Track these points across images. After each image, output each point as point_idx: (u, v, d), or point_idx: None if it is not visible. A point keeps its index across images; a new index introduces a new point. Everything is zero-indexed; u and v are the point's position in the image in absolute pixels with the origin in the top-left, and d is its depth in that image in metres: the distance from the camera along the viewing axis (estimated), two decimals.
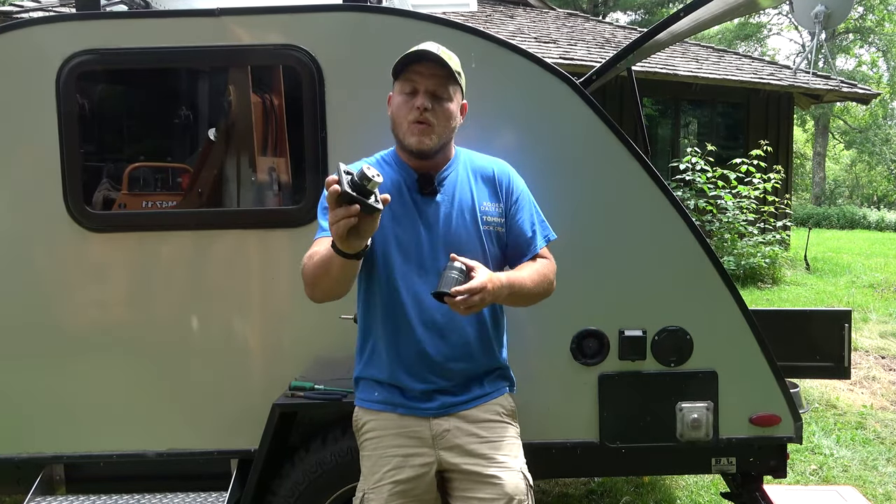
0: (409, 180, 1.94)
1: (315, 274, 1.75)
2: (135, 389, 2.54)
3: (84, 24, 2.49)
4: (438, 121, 1.86)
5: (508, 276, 1.88)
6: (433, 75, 1.85)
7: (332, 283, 1.75)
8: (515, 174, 2.07)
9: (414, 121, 1.84)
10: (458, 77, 1.89)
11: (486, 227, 1.96)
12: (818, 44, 13.17)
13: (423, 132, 1.85)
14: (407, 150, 1.89)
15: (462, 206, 1.95)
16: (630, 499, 3.64)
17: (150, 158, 3.12)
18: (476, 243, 1.94)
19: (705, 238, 2.57)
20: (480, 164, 2.04)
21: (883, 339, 6.91)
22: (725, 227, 9.26)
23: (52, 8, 7.01)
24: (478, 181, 2.00)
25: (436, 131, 1.86)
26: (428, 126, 1.85)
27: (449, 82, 1.87)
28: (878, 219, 23.87)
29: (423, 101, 1.83)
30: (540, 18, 13.41)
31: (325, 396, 2.42)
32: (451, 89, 1.88)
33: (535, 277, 1.94)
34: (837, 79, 12.63)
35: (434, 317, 1.90)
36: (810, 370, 3.01)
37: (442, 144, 1.90)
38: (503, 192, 2.01)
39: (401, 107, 1.87)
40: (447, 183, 1.96)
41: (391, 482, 1.89)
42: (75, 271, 2.52)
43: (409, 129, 1.86)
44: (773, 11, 32.33)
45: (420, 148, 1.86)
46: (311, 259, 1.78)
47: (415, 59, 1.84)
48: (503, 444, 1.96)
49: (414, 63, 1.85)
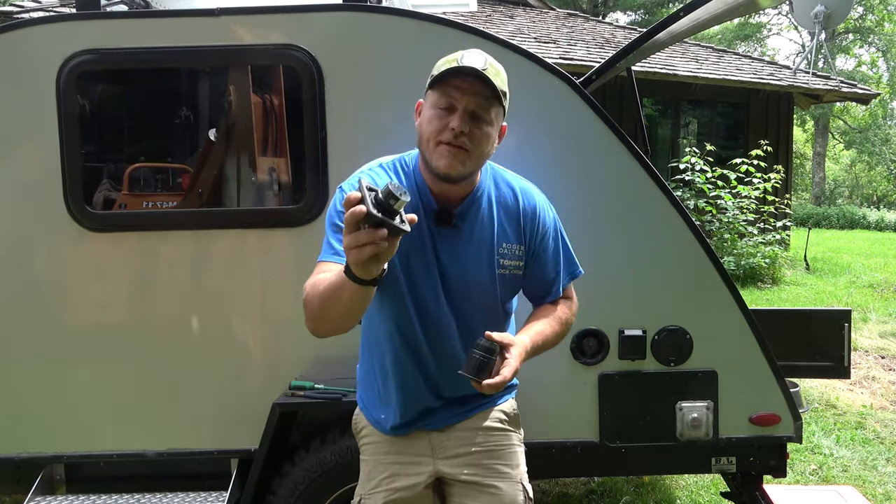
0: (427, 205, 1.75)
1: (322, 306, 1.52)
2: (135, 389, 2.54)
3: (84, 24, 2.49)
4: (474, 146, 1.64)
5: (533, 339, 1.76)
6: (476, 94, 1.62)
7: (342, 313, 1.52)
8: (544, 208, 1.87)
9: (446, 142, 1.62)
10: (504, 98, 1.67)
11: (501, 272, 1.80)
12: (818, 44, 13.17)
13: (455, 156, 1.63)
14: (433, 171, 1.67)
15: (480, 244, 1.78)
16: (630, 499, 3.64)
17: (150, 158, 3.13)
18: (487, 285, 1.79)
19: (705, 238, 2.57)
20: (507, 197, 1.83)
21: (883, 339, 6.92)
22: (725, 227, 9.26)
23: (52, 8, 7.01)
24: (501, 217, 1.80)
25: (470, 158, 1.65)
26: (462, 151, 1.63)
27: (492, 103, 1.65)
28: (877, 219, 23.87)
29: (460, 123, 1.61)
30: (540, 18, 13.41)
31: (325, 396, 2.42)
32: (494, 112, 1.66)
33: (556, 329, 1.85)
34: (837, 79, 12.63)
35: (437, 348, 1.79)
36: (810, 370, 3.02)
37: (472, 171, 1.71)
38: (527, 232, 1.83)
39: (433, 121, 1.64)
40: (469, 216, 1.78)
41: (387, 489, 1.86)
42: (75, 271, 2.52)
43: (438, 151, 1.64)
44: (773, 11, 32.36)
45: (448, 173, 1.65)
46: (315, 288, 1.55)
47: (457, 72, 1.61)
48: (503, 453, 1.91)
49: (456, 76, 1.62)
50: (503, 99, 1.67)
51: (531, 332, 1.79)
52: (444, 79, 1.62)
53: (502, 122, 1.73)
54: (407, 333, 1.78)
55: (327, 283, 1.50)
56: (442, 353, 1.79)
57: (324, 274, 1.57)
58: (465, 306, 1.79)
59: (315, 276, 1.61)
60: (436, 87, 1.65)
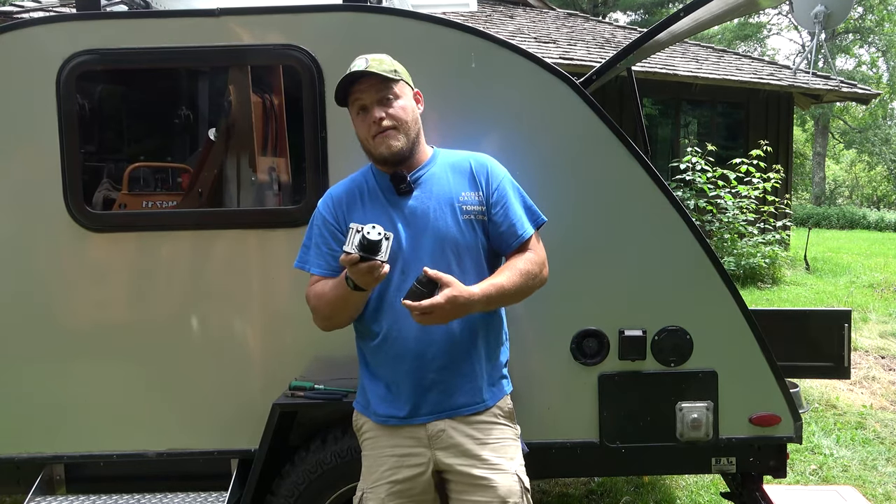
0: (384, 184, 1.98)
1: (333, 312, 1.93)
2: (135, 389, 2.54)
3: (84, 24, 2.49)
4: (398, 121, 1.90)
5: (482, 287, 1.86)
6: (372, 86, 1.89)
7: (351, 313, 1.93)
8: (495, 164, 2.06)
9: (376, 133, 1.89)
10: (396, 74, 1.92)
11: (465, 217, 1.95)
12: (818, 44, 13.16)
13: (389, 136, 1.89)
14: (381, 160, 1.93)
15: (440, 199, 1.95)
16: (630, 499, 3.64)
17: (150, 158, 3.13)
18: (457, 234, 1.93)
19: (705, 238, 2.57)
20: (457, 159, 2.04)
21: (883, 339, 6.91)
22: (725, 227, 9.26)
23: (52, 8, 7.02)
24: (455, 174, 2.00)
25: (401, 130, 1.90)
26: (391, 130, 1.89)
27: (389, 84, 1.90)
28: (877, 219, 23.85)
29: (375, 113, 1.88)
30: (540, 18, 13.41)
31: (325, 396, 2.42)
32: (396, 89, 1.92)
33: (515, 279, 1.91)
34: (837, 79, 12.63)
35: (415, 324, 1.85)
36: (810, 370, 3.02)
37: (412, 143, 1.94)
38: (482, 181, 2.00)
39: (360, 126, 1.93)
40: (423, 180, 1.97)
41: (388, 482, 1.90)
42: (75, 271, 2.52)
43: (376, 142, 1.90)
44: (773, 11, 32.35)
45: (392, 152, 1.90)
46: (321, 298, 1.92)
47: (349, 81, 1.90)
48: (498, 445, 1.96)
49: (351, 85, 1.90)
50: (397, 75, 1.92)
51: (485, 283, 1.89)
52: (344, 91, 1.92)
53: (413, 89, 2.00)
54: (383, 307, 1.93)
55: (334, 294, 1.88)
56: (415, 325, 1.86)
57: (321, 288, 1.93)
58: (441, 266, 1.86)
59: (314, 287, 1.96)
60: (347, 104, 1.95)
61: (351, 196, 1.99)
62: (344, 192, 2.02)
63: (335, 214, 1.98)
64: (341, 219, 1.97)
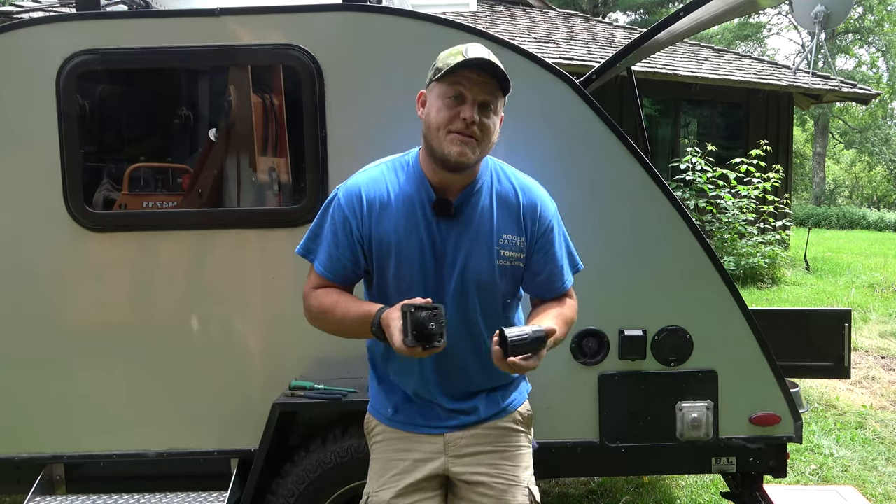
0: (424, 194, 1.78)
1: (337, 332, 1.84)
2: (135, 389, 2.54)
3: (84, 24, 2.49)
4: (483, 135, 1.70)
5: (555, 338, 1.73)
6: (485, 83, 1.69)
7: (354, 341, 1.89)
8: (545, 201, 1.88)
9: (457, 131, 1.67)
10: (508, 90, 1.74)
11: (500, 263, 1.80)
12: (818, 44, 13.16)
13: (467, 144, 1.68)
14: (442, 159, 1.70)
15: (479, 235, 1.78)
16: (630, 499, 3.64)
17: (150, 158, 3.12)
18: (488, 279, 1.80)
19: (705, 238, 2.57)
20: (507, 190, 1.84)
21: (883, 339, 6.92)
22: (725, 227, 9.25)
23: (52, 8, 7.01)
24: (501, 209, 1.81)
25: (479, 146, 1.71)
26: (472, 140, 1.68)
27: (499, 95, 1.73)
28: (877, 219, 23.86)
29: (472, 113, 1.67)
30: (540, 18, 13.41)
31: (325, 396, 2.42)
32: (500, 103, 1.74)
33: (564, 330, 1.81)
34: (837, 79, 12.62)
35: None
36: (810, 370, 3.02)
37: (479, 161, 1.76)
38: (528, 225, 1.83)
39: (442, 111, 1.69)
40: (467, 211, 1.79)
41: (396, 486, 1.86)
42: (75, 271, 2.52)
43: (449, 139, 1.68)
44: (773, 11, 32.36)
45: (460, 161, 1.68)
46: (327, 315, 1.79)
47: (467, 65, 1.66)
48: (513, 454, 1.92)
49: (465, 68, 1.67)
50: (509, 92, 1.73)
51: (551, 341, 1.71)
52: (453, 71, 1.67)
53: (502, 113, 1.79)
54: None
55: (351, 329, 1.76)
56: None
57: (332, 300, 1.78)
58: (462, 302, 1.79)
59: (321, 299, 1.80)
60: (444, 79, 1.69)
61: (383, 202, 1.77)
62: (375, 195, 1.78)
63: (360, 221, 1.77)
64: (365, 229, 1.77)
